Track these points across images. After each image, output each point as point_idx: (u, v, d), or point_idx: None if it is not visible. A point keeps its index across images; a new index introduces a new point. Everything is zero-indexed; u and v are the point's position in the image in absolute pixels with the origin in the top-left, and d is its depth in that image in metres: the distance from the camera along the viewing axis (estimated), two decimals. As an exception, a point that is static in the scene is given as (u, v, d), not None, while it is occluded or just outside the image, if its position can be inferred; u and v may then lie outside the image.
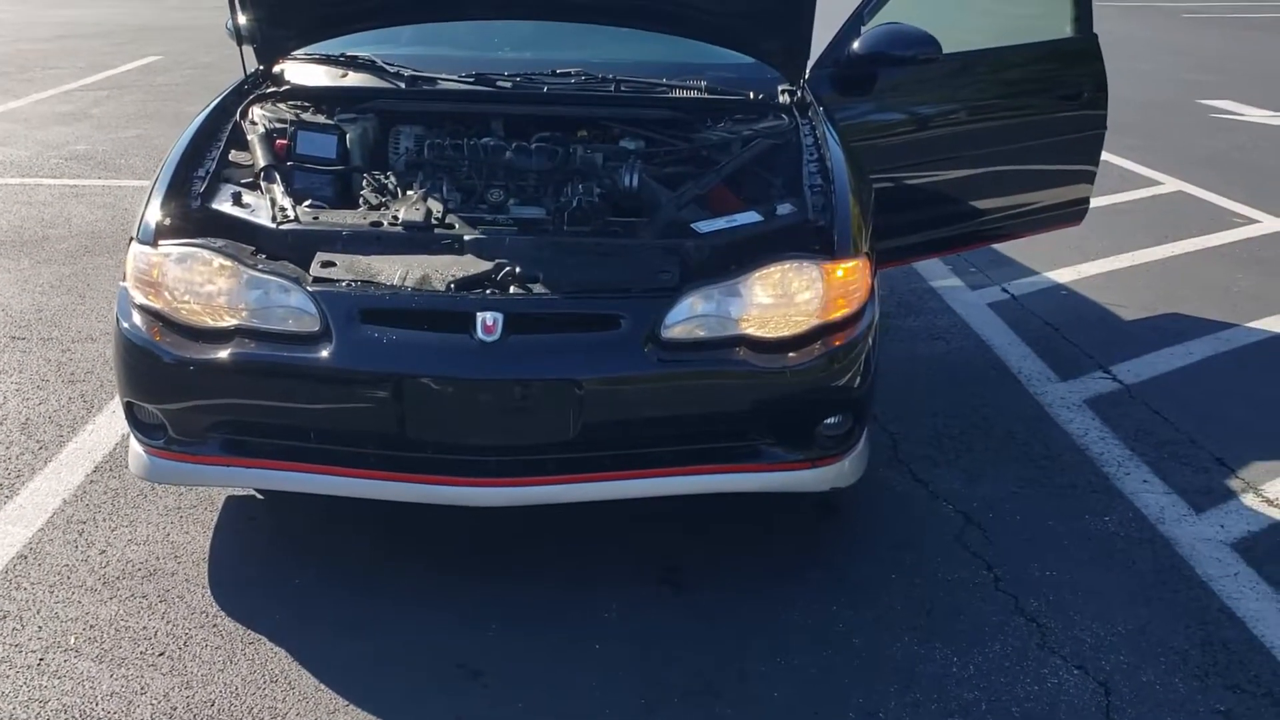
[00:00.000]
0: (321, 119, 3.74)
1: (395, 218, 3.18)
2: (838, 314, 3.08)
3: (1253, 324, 5.13)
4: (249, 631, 2.93)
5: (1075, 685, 2.78)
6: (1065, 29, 5.18)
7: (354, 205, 3.41)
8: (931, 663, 2.86)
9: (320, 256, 3.04)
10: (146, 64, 12.17)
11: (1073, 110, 5.05)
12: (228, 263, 2.99)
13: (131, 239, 3.14)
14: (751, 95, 3.98)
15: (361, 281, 2.96)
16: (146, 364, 3.00)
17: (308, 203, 3.28)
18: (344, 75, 4.08)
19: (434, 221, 3.18)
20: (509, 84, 3.93)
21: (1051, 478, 3.76)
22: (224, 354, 2.91)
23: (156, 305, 3.02)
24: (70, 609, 3.01)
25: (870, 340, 3.12)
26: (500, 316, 2.86)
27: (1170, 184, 7.71)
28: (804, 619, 3.02)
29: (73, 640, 2.89)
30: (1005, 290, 5.58)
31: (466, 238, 3.10)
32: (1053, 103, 5.03)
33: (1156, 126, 9.52)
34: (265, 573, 3.19)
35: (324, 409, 2.94)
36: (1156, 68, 13.04)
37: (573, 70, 4.02)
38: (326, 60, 4.13)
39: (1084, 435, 4.06)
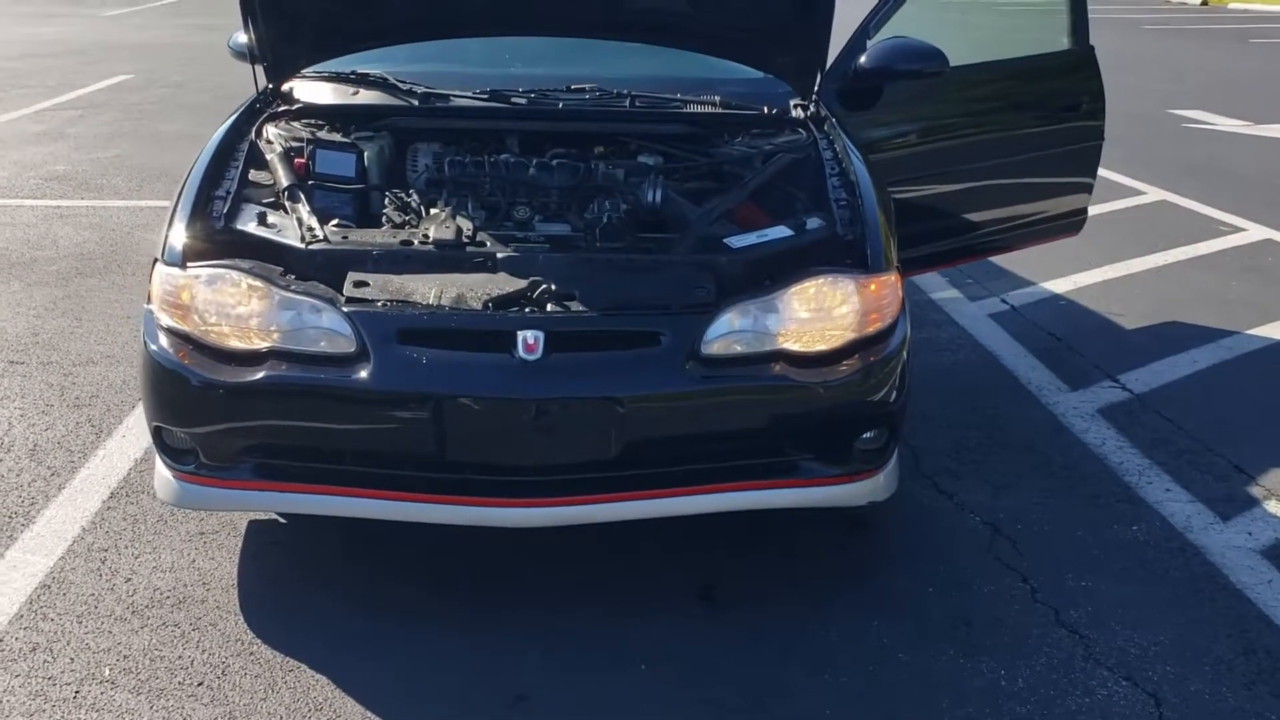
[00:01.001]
0: (337, 137, 3.71)
1: (426, 236, 3.15)
2: (872, 329, 3.08)
3: (1252, 331, 5.19)
4: (287, 659, 2.88)
5: (1125, 697, 2.78)
6: (1063, 41, 5.24)
7: (376, 224, 3.38)
8: (979, 676, 2.85)
9: (352, 276, 3.00)
10: (117, 83, 12.03)
11: (1071, 122, 5.10)
12: (258, 284, 2.95)
13: (156, 260, 3.09)
14: (766, 110, 3.98)
15: (397, 301, 2.92)
16: (176, 388, 2.95)
17: (334, 222, 3.24)
18: (355, 93, 4.03)
19: (465, 239, 3.15)
20: (524, 100, 3.91)
21: (1074, 488, 3.78)
22: (257, 377, 2.87)
23: (185, 328, 2.97)
24: (101, 639, 2.95)
25: (905, 354, 3.13)
26: (541, 335, 2.84)
27: (1153, 193, 7.80)
28: (845, 635, 3.00)
29: (107, 672, 2.83)
30: (1004, 301, 5.61)
31: (499, 255, 3.07)
32: (1052, 115, 5.07)
33: (1134, 137, 9.61)
34: (297, 599, 3.13)
35: (361, 431, 2.90)
36: (1126, 79, 13.18)
37: (586, 86, 3.99)
38: (336, 78, 4.09)
39: (1101, 445, 4.08)
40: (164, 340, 2.99)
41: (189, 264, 3.00)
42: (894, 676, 2.85)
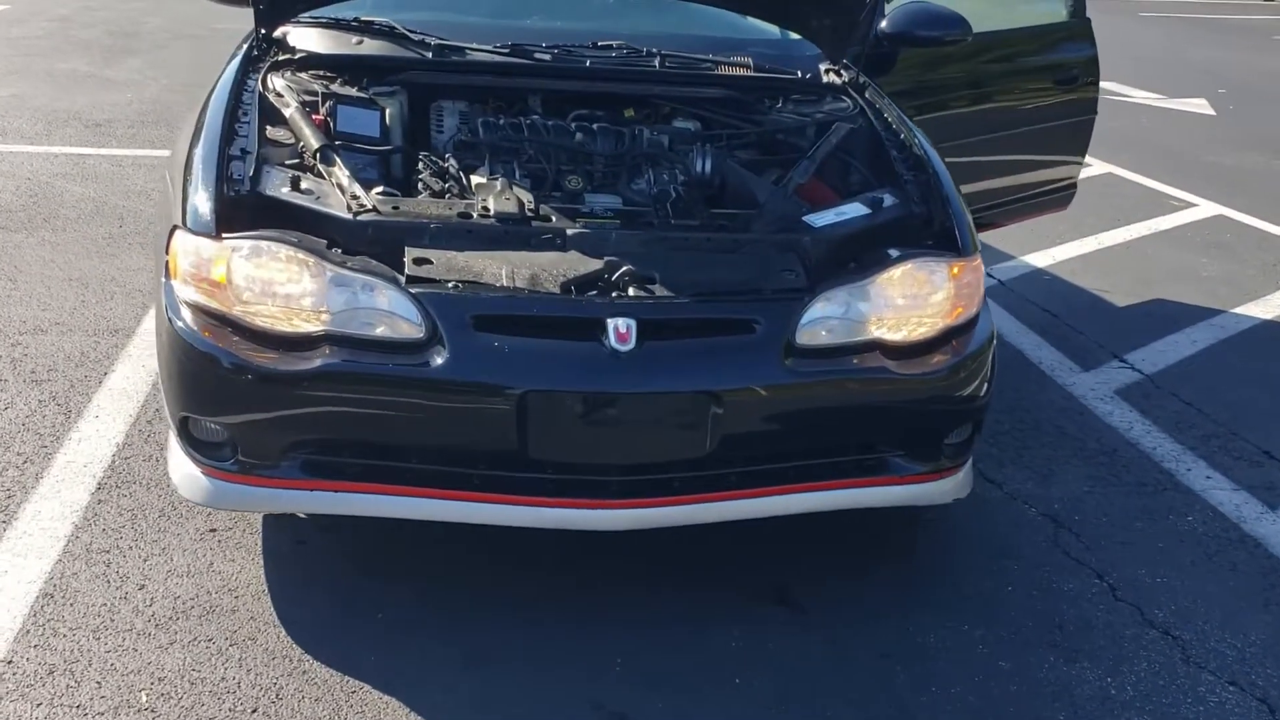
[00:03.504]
0: (353, 92, 3.35)
1: (486, 209, 2.85)
2: (962, 316, 2.92)
3: (1238, 310, 5.22)
4: (346, 678, 2.59)
5: (1237, 703, 2.70)
6: (1061, 13, 5.15)
7: (410, 191, 3.06)
8: (1086, 684, 2.73)
9: (411, 253, 2.69)
10: (-6, 14, 11.14)
11: (1069, 94, 5.03)
12: (309, 259, 2.62)
13: (175, 228, 2.73)
14: (800, 74, 3.75)
15: (468, 282, 2.63)
16: (214, 375, 2.60)
17: (378, 189, 2.91)
18: (359, 42, 3.65)
19: (529, 213, 2.86)
20: (548, 56, 3.59)
21: (1119, 476, 3.69)
22: (315, 364, 2.55)
23: (218, 307, 2.62)
24: (127, 659, 2.61)
25: (994, 343, 2.97)
26: (634, 323, 2.58)
27: (1097, 165, 7.83)
28: (940, 641, 2.85)
29: (144, 698, 2.50)
30: (990, 275, 5.51)
31: (569, 233, 2.79)
32: (1050, 87, 4.99)
33: (1063, 106, 9.67)
34: (340, 606, 2.83)
35: (434, 426, 2.60)
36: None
37: (614, 43, 3.70)
38: (336, 25, 3.69)
39: (1130, 430, 4.01)
40: (192, 319, 2.64)
41: (224, 235, 2.65)
42: (1003, 687, 2.70)
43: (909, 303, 2.84)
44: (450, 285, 2.61)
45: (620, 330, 2.57)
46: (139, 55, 9.52)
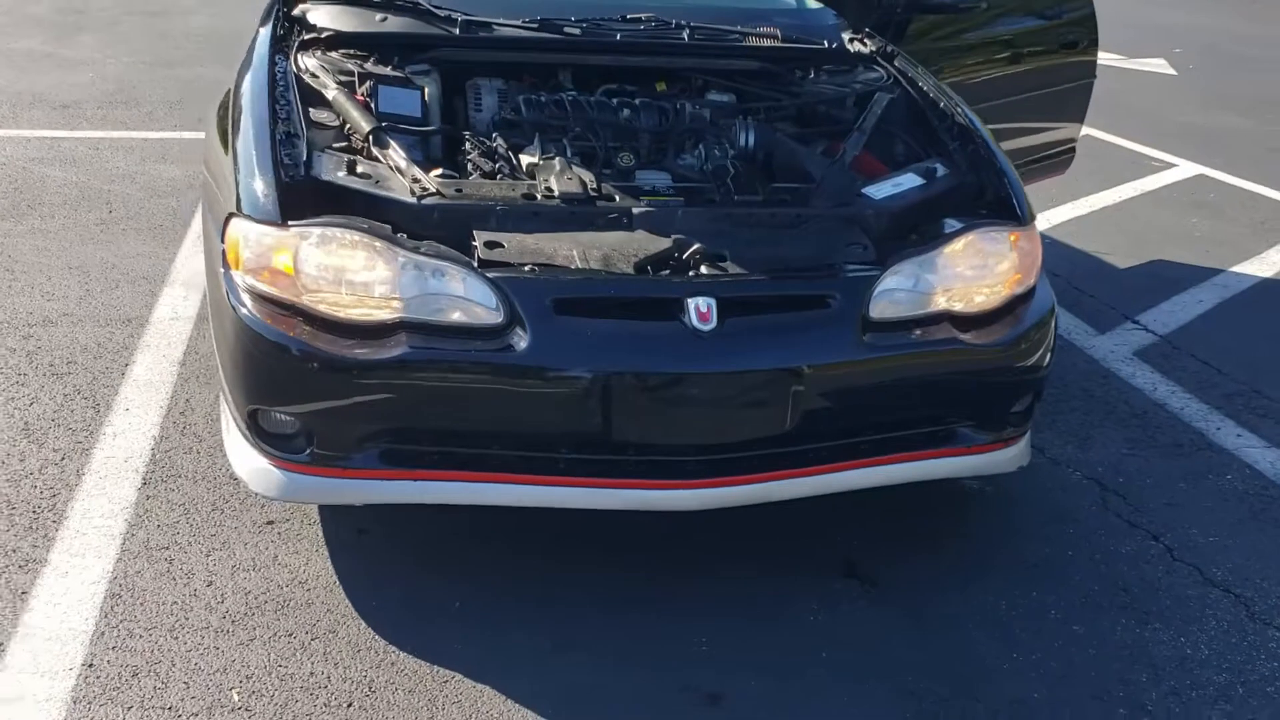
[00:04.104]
0: (388, 71, 3.28)
1: (550, 189, 2.81)
2: (1025, 284, 2.94)
3: (1237, 269, 5.31)
4: (436, 668, 2.56)
5: (1310, 659, 2.76)
6: (1061, -25, 5.17)
7: (459, 173, 3.01)
8: (1162, 645, 2.77)
9: (481, 236, 2.65)
10: (-64, -9, 10.74)
11: (1070, 58, 5.06)
12: (381, 245, 2.56)
13: (231, 215, 2.66)
14: (827, 43, 3.73)
15: (542, 265, 2.59)
16: (285, 365, 2.55)
17: (438, 172, 2.86)
18: (383, 19, 3.56)
19: (592, 193, 2.82)
20: (577, 30, 3.53)
21: (1153, 438, 3.75)
22: (393, 352, 2.50)
23: (283, 295, 2.56)
24: (210, 657, 2.55)
25: (1055, 310, 3.00)
26: (714, 302, 2.57)
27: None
28: (1012, 608, 2.88)
29: (236, 696, 2.45)
30: (992, 240, 5.55)
31: (636, 212, 2.77)
32: (1053, 51, 5.01)
33: (1030, 69, 9.73)
34: (414, 594, 2.79)
35: (514, 411, 2.57)
36: (992, 9, 13.38)
37: (642, 15, 3.65)
38: (358, 1, 3.60)
39: (1154, 391, 4.07)
40: (257, 309, 2.58)
41: (290, 222, 2.58)
42: (1082, 652, 2.74)
43: (975, 273, 2.85)
44: (526, 269, 2.57)
45: (701, 310, 2.56)
46: (92, 33, 9.24)
